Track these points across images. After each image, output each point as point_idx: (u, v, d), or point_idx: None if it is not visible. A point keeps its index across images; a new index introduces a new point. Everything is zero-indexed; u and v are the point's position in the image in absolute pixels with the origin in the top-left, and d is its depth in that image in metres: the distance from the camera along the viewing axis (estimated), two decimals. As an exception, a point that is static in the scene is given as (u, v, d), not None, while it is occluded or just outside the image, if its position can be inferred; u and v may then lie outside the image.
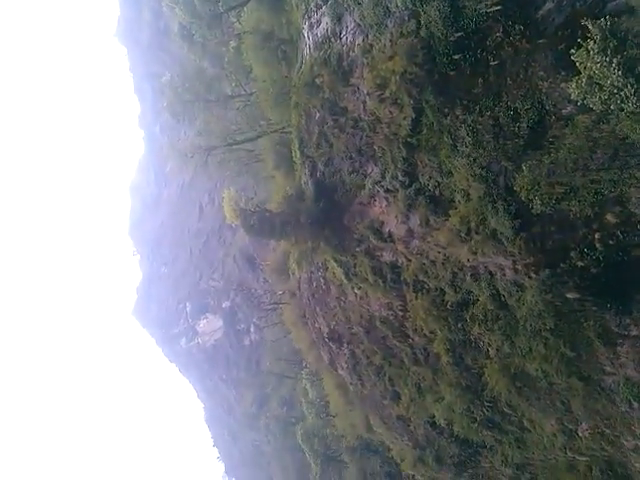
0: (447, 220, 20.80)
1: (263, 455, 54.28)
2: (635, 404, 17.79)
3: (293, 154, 27.89)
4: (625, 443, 18.51)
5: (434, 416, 24.28)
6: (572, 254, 17.64)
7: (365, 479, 31.81)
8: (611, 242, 17.00)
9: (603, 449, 19.32)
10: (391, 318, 25.27)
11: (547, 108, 17.49)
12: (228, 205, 27.27)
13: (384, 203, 23.33)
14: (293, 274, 31.97)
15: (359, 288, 26.37)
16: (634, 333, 17.47)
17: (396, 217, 23.16)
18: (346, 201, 25.36)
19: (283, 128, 31.32)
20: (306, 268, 29.94)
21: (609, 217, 16.79)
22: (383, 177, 22.68)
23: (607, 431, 18.86)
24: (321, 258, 28.10)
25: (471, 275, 20.92)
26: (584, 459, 19.92)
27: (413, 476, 28.53)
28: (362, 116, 22.69)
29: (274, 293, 45.43)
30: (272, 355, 47.93)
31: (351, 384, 29.26)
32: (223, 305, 62.57)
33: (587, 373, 18.85)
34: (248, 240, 49.39)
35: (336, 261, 26.89)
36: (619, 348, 17.85)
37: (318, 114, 24.91)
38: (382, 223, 24.08)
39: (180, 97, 34.47)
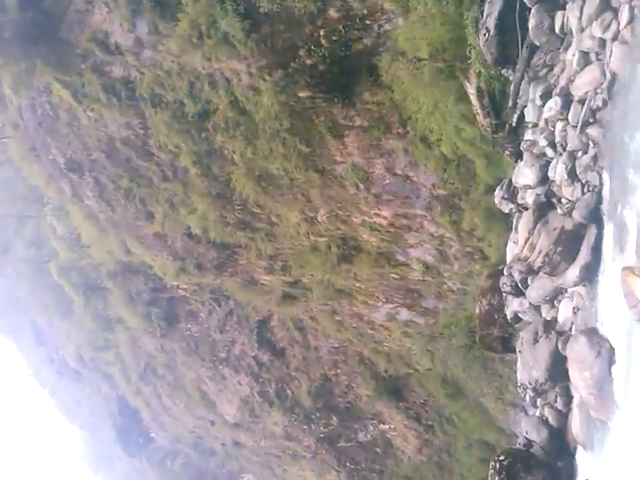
0: (177, 25, 19.74)
1: (19, 301, 51.54)
2: (361, 186, 20.37)
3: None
4: (354, 220, 21.47)
5: (190, 227, 25.07)
6: (301, 52, 18.26)
7: (131, 299, 32.54)
8: (335, 38, 17.87)
9: (338, 229, 22.20)
10: (132, 138, 24.31)
11: None
12: None
13: (105, 9, 21.11)
14: (11, 102, 28.30)
15: (92, 110, 24.52)
16: (358, 123, 19.38)
17: (121, 25, 21.25)
18: (59, 10, 22.32)
19: None
20: (26, 94, 26.62)
21: (331, 12, 17.44)
22: (97, -23, 20.15)
23: (340, 213, 21.57)
24: (42, 80, 25.05)
25: (208, 83, 20.63)
26: (324, 240, 22.76)
27: (178, 286, 30.04)
28: None
29: (-8, 127, 39.91)
30: (6, 197, 43.41)
31: (101, 212, 28.39)
32: None
33: (321, 165, 20.78)
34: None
35: (60, 82, 24.24)
36: (346, 139, 19.78)
37: None
38: (106, 33, 21.95)
39: None
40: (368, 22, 17.38)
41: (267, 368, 30.51)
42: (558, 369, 13.79)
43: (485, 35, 14.08)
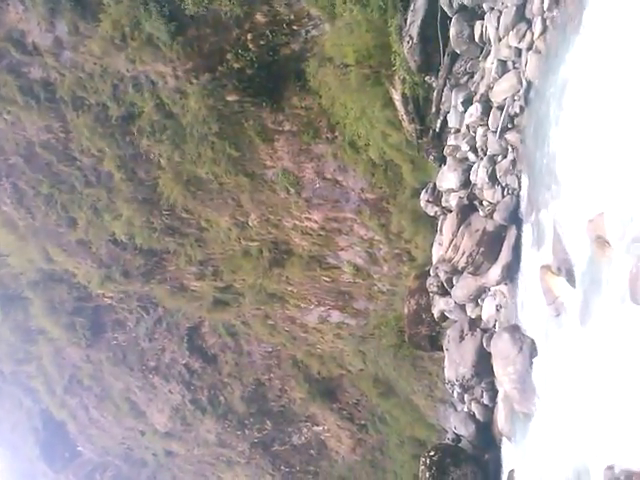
0: (99, 26, 19.21)
1: None
2: (292, 190, 20.47)
3: None
4: (286, 224, 21.52)
5: (114, 233, 24.39)
6: (228, 56, 18.17)
7: (54, 309, 31.10)
8: (262, 42, 17.90)
9: (269, 233, 22.19)
10: (53, 142, 23.42)
11: None
12: None
13: (20, 7, 20.24)
14: None
15: (8, 113, 23.43)
16: (287, 128, 19.47)
17: (39, 25, 20.46)
18: (-30, 7, 21.18)
19: None
20: None
21: (258, 17, 17.45)
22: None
23: (271, 217, 21.58)
24: (-49, 80, 23.73)
25: (133, 86, 20.21)
26: (255, 244, 22.66)
27: (103, 294, 29.05)
28: None
29: None
30: None
31: (20, 219, 27.14)
32: None
33: (251, 169, 20.74)
34: None
35: (-28, 83, 23.06)
36: (276, 143, 19.84)
37: None
38: (23, 33, 21.06)
39: None
40: (295, 27, 17.50)
41: (199, 375, 30.01)
42: (483, 365, 14.35)
43: (409, 43, 14.47)
